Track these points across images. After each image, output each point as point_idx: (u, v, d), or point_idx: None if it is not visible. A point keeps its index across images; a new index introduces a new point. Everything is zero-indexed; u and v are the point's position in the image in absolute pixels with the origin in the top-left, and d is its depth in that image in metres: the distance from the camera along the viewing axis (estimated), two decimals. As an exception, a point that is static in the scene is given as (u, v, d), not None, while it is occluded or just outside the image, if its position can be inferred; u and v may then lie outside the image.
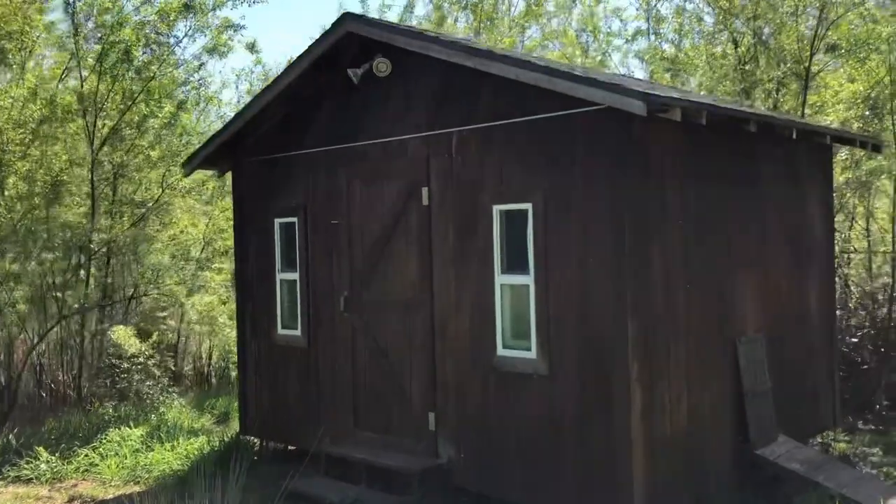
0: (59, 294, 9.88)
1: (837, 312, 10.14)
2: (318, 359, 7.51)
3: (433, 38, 6.09)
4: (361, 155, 7.06)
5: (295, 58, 7.12)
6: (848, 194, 10.24)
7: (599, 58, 13.92)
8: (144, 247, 10.59)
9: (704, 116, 5.38)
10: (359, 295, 7.10)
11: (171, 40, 11.02)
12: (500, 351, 6.09)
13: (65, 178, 10.54)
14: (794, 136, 6.52)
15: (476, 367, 6.25)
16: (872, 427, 8.93)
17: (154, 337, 10.24)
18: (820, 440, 7.77)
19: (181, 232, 11.33)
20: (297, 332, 7.68)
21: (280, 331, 7.90)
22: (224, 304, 11.49)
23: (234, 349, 9.60)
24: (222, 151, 8.17)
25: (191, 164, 8.29)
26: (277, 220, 7.86)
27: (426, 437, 6.60)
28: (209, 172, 11.29)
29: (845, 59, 10.56)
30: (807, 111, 10.77)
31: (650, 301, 5.52)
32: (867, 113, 9.73)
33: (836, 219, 8.90)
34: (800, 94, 10.22)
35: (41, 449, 8.05)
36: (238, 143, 8.11)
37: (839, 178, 10.82)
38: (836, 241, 8.69)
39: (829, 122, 10.57)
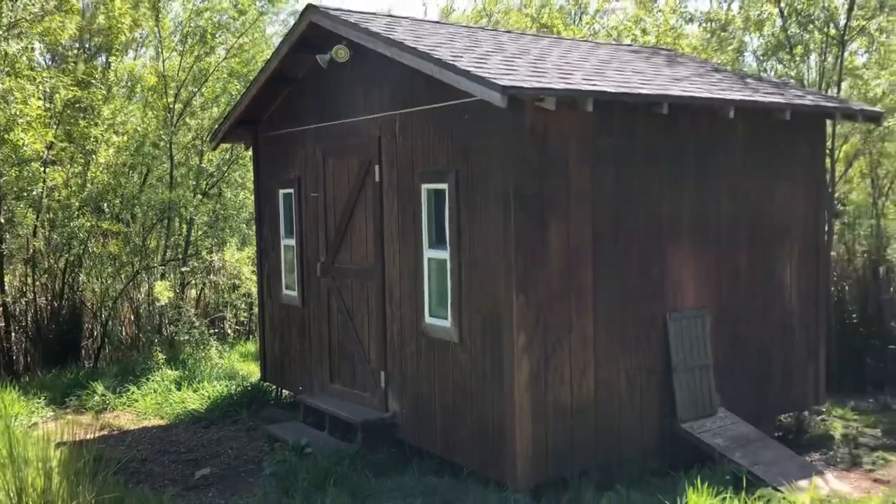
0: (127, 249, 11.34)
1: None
2: (309, 318, 8.33)
3: (363, 29, 6.56)
4: (334, 133, 7.69)
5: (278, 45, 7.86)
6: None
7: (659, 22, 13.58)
8: (203, 209, 11.81)
9: (590, 103, 5.56)
10: (332, 262, 7.80)
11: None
12: (427, 319, 6.60)
13: (147, 149, 11.93)
14: (733, 115, 6.45)
15: (413, 332, 6.81)
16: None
17: (201, 290, 11.46)
18: (793, 419, 7.67)
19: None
20: (295, 294, 8.53)
21: (284, 291, 8.78)
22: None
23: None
24: (244, 128, 9.10)
25: (214, 140, 9.27)
26: (281, 191, 8.69)
27: (379, 393, 7.26)
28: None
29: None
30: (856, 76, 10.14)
31: (543, 277, 5.82)
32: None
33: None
34: (837, 58, 9.62)
35: (97, 384, 9.48)
36: (257, 121, 9.00)
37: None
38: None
39: (879, 84, 9.92)
